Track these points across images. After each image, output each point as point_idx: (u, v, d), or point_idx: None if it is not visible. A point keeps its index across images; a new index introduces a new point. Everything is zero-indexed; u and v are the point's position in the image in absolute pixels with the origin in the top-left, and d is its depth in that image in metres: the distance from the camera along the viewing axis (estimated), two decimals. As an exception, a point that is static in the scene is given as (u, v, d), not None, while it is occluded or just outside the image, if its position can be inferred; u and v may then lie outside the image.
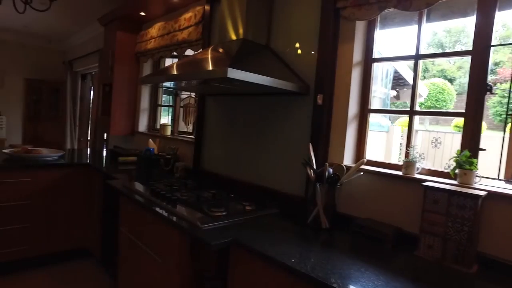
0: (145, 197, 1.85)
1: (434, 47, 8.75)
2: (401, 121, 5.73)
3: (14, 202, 2.57)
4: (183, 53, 2.97)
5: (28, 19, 4.90)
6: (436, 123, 6.81)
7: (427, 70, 10.93)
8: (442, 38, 9.70)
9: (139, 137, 3.60)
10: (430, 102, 7.55)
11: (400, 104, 5.73)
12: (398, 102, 5.93)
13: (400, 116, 5.20)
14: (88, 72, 5.64)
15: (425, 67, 10.28)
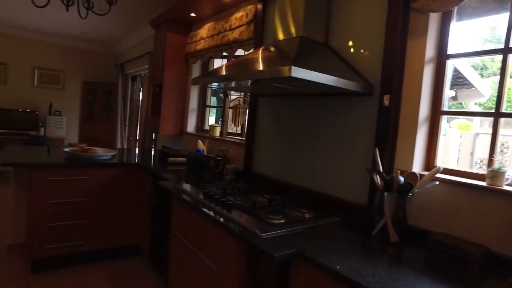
0: (199, 200, 1.81)
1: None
2: (459, 123, 5.32)
3: (73, 199, 2.67)
4: (233, 53, 2.92)
5: (86, 26, 5.17)
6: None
7: (485, 67, 10.13)
8: None
9: (187, 137, 3.63)
10: (491, 103, 6.96)
11: (458, 105, 5.31)
12: (455, 103, 5.50)
13: (457, 118, 4.81)
14: (138, 74, 5.84)
15: (483, 64, 9.55)
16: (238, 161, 2.67)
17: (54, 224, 2.62)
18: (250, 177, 2.48)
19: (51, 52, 6.22)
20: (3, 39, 5.84)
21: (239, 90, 2.62)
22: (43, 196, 2.55)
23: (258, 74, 1.48)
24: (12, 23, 5.48)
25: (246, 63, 1.80)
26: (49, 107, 6.08)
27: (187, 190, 1.98)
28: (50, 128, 5.97)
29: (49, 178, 2.55)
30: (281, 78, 1.45)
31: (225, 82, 1.74)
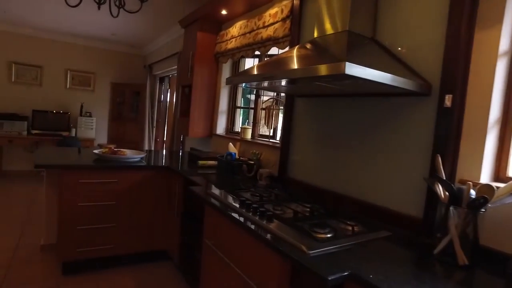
0: (235, 209, 1.68)
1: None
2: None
3: (102, 202, 2.62)
4: (266, 52, 2.78)
5: (115, 27, 5.19)
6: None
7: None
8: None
9: (217, 140, 3.52)
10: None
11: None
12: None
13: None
14: (166, 75, 5.82)
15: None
16: (272, 165, 2.52)
17: (84, 227, 2.57)
18: (286, 183, 2.33)
19: (83, 54, 6.33)
20: (39, 43, 5.99)
21: (274, 90, 2.48)
22: (73, 199, 2.51)
23: (310, 71, 1.32)
24: (47, 28, 5.60)
25: (287, 60, 1.65)
26: (80, 108, 6.18)
27: (221, 197, 1.85)
28: (81, 128, 6.06)
29: (79, 181, 2.51)
30: (330, 76, 1.29)
31: (266, 81, 1.60)
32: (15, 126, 5.60)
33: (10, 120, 5.57)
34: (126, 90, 6.54)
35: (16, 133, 5.59)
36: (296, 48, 1.78)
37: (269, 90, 2.53)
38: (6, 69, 5.83)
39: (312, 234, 1.34)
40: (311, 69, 1.31)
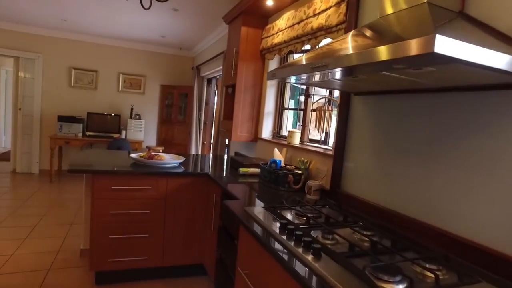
0: (274, 235, 1.33)
1: None
2: None
3: (135, 211, 2.43)
4: (318, 44, 2.40)
5: (164, 30, 5.14)
6: None
7: None
8: None
9: (262, 144, 3.20)
10: None
11: None
12: None
13: None
14: (213, 76, 5.66)
15: None
16: (322, 176, 2.13)
17: (116, 237, 2.40)
18: (339, 199, 1.93)
19: (134, 58, 6.43)
20: (95, 49, 6.19)
21: (326, 87, 2.08)
22: (105, 206, 2.34)
23: (382, 54, 0.93)
24: (102, 34, 5.75)
25: (344, 45, 1.27)
26: (131, 110, 6.27)
27: (259, 217, 1.51)
28: (130, 131, 6.13)
29: (111, 187, 2.34)
30: (410, 59, 0.89)
31: (318, 71, 1.23)
32: (72, 128, 5.81)
33: (68, 122, 5.79)
34: (174, 92, 6.52)
35: (73, 135, 5.79)
36: (355, 31, 1.38)
37: (320, 87, 2.15)
38: (66, 74, 6.09)
39: (376, 284, 0.95)
40: (381, 51, 0.92)
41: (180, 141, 6.47)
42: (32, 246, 3.14)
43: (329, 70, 1.19)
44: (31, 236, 3.37)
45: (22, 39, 5.82)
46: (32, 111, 5.97)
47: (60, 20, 5.10)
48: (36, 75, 5.92)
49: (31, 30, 5.79)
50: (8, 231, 3.45)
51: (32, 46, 5.88)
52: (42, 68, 5.96)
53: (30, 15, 4.97)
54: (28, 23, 5.57)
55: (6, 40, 5.74)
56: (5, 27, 5.69)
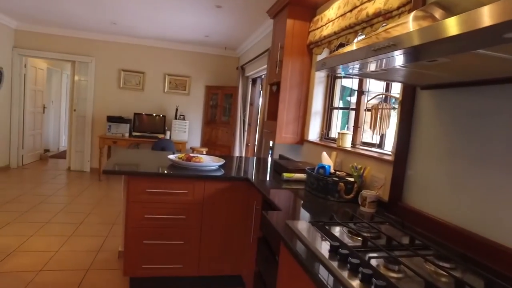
0: (322, 260, 1.07)
1: None
2: None
3: (171, 216, 2.28)
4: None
5: (209, 29, 5.06)
6: None
7: None
8: None
9: (309, 147, 2.93)
10: None
11: None
12: None
13: None
14: (258, 75, 5.48)
15: None
16: (379, 185, 1.82)
17: (151, 242, 2.27)
18: (400, 214, 1.61)
19: (180, 59, 6.46)
20: (142, 50, 6.31)
21: (384, 78, 1.77)
22: (140, 210, 2.22)
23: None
24: (149, 36, 5.83)
25: (409, 23, 0.98)
26: (175, 111, 6.29)
27: (304, 234, 1.26)
28: (175, 131, 6.14)
29: (146, 190, 2.21)
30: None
31: (379, 55, 0.96)
32: (120, 128, 5.95)
33: (116, 122, 5.94)
34: (219, 93, 6.44)
35: (120, 135, 5.92)
36: (419, 11, 1.08)
37: (377, 78, 1.83)
38: (116, 76, 6.28)
39: None
40: (488, 12, 0.62)
41: (224, 142, 6.37)
42: (75, 244, 3.15)
43: (397, 53, 0.91)
44: (75, 233, 3.41)
45: (78, 44, 6.09)
46: (85, 112, 6.22)
47: (110, 23, 5.23)
48: (89, 77, 6.16)
49: (85, 35, 6.04)
50: (57, 227, 3.52)
51: (86, 50, 6.13)
52: (95, 70, 6.19)
53: (84, 20, 5.15)
54: (82, 29, 5.80)
55: (65, 45, 6.04)
56: (64, 33, 5.98)
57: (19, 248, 3.01)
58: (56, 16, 5.12)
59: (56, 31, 5.95)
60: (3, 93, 5.73)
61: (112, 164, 2.40)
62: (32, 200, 4.39)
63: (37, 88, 6.72)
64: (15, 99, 6.02)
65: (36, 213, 3.91)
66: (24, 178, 5.57)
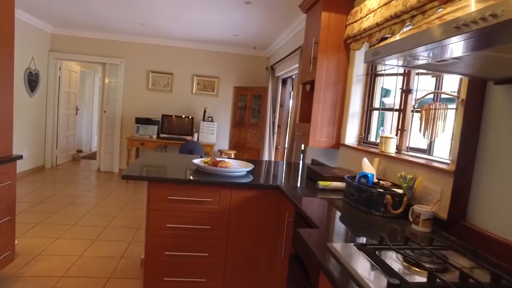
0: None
1: None
2: None
3: (195, 226, 2.10)
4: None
5: (237, 28, 4.89)
6: None
7: None
8: None
9: (346, 152, 2.66)
10: None
11: None
12: None
13: None
14: (289, 75, 5.24)
15: None
16: (435, 199, 1.54)
17: (173, 253, 2.10)
18: (465, 235, 1.32)
19: (208, 59, 6.35)
20: (170, 51, 6.27)
21: (450, 70, 1.48)
22: (162, 218, 2.06)
23: None
24: (177, 36, 5.76)
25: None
26: (203, 113, 6.18)
27: (351, 263, 1.02)
28: (203, 133, 6.03)
29: (168, 197, 2.05)
30: None
31: (479, 28, 0.71)
32: (148, 129, 5.91)
33: (145, 124, 5.91)
34: (248, 94, 6.26)
35: (148, 137, 5.89)
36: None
37: (439, 71, 1.54)
38: (145, 78, 6.27)
39: None
40: None
41: (253, 145, 6.18)
42: (99, 249, 3.07)
43: (496, 27, 0.66)
44: (99, 237, 3.33)
45: (109, 46, 6.13)
46: (114, 113, 6.25)
47: (139, 24, 5.20)
48: (118, 79, 6.19)
49: (115, 37, 6.07)
50: (82, 231, 3.47)
51: (116, 52, 6.16)
52: (124, 72, 6.21)
53: (114, 21, 5.15)
54: (113, 31, 5.83)
55: (96, 48, 6.11)
56: (96, 36, 6.05)
57: (44, 251, 2.96)
58: (88, 19, 5.15)
59: (88, 34, 6.03)
60: (38, 96, 5.86)
61: (134, 168, 2.26)
62: (61, 201, 4.40)
63: (71, 90, 6.86)
64: (50, 101, 6.15)
65: (64, 215, 3.89)
66: (57, 178, 5.66)
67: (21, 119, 5.42)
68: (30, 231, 3.36)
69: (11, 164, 2.35)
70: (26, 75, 5.43)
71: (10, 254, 2.44)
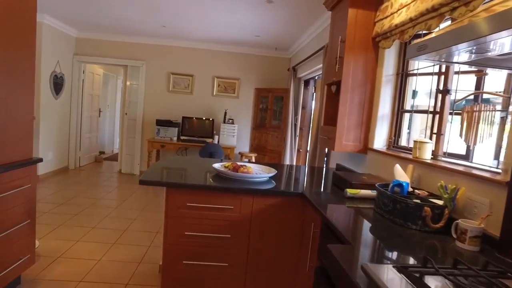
0: None
1: None
2: None
3: (214, 234, 2.00)
4: (470, 12, 1.63)
5: (259, 28, 4.79)
6: None
7: None
8: None
9: (374, 157, 2.50)
10: None
11: None
12: None
13: None
14: (311, 77, 5.09)
15: None
16: (484, 214, 1.36)
17: (191, 263, 2.01)
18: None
19: (229, 61, 6.29)
20: (191, 53, 6.24)
21: (500, 65, 1.31)
22: (180, 225, 1.97)
23: None
24: (197, 37, 5.72)
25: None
26: (224, 115, 6.11)
27: (387, 284, 0.88)
28: (223, 136, 5.95)
29: (187, 204, 1.95)
30: None
31: None
32: (168, 132, 5.90)
33: (165, 126, 5.90)
34: (269, 96, 6.14)
35: (168, 139, 5.87)
36: None
37: (485, 65, 1.36)
38: (165, 80, 6.27)
39: None
40: None
41: (274, 147, 6.05)
42: (117, 253, 3.02)
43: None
44: (118, 241, 3.29)
45: (130, 49, 6.17)
46: (135, 115, 6.28)
47: (160, 26, 5.18)
48: (140, 81, 6.22)
49: (137, 39, 6.11)
50: (101, 233, 3.45)
51: (138, 55, 6.19)
52: (145, 74, 6.23)
53: (136, 24, 5.16)
54: (134, 34, 5.86)
55: (118, 51, 6.17)
56: (117, 39, 6.11)
57: (64, 253, 2.94)
58: (111, 22, 5.19)
59: (110, 37, 6.09)
60: (63, 98, 5.96)
61: (152, 172, 2.19)
62: (83, 203, 4.42)
63: (94, 92, 6.95)
64: (74, 103, 6.25)
65: (85, 217, 3.89)
66: (79, 179, 5.73)
67: (46, 121, 5.52)
68: (52, 232, 3.37)
69: (31, 167, 2.32)
70: (51, 78, 5.53)
71: (30, 257, 2.42)
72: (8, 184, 2.10)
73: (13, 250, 2.22)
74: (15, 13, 2.08)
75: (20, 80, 2.19)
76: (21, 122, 2.24)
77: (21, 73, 2.20)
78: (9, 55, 2.07)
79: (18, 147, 2.21)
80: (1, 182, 2.04)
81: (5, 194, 2.06)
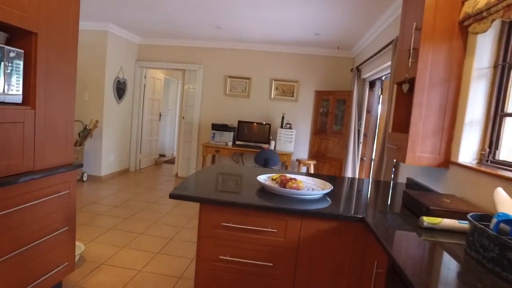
0: None
1: None
2: None
3: (253, 261, 1.67)
4: None
5: (318, 26, 4.41)
6: None
7: None
8: None
9: (460, 173, 1.96)
10: None
11: None
12: None
13: None
14: (377, 77, 4.53)
15: None
16: None
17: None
18: None
19: (287, 62, 5.96)
20: (247, 55, 6.04)
21: None
22: (214, 248, 1.68)
23: None
24: (254, 38, 5.50)
25: None
26: (281, 119, 5.78)
27: None
28: (280, 141, 5.63)
29: (222, 224, 1.66)
30: None
31: None
32: (223, 136, 5.75)
33: (220, 130, 5.77)
34: (330, 99, 5.67)
35: (223, 144, 5.72)
36: None
37: None
38: (222, 83, 6.15)
39: None
40: None
41: (335, 155, 5.56)
42: (160, 264, 2.86)
43: None
44: (162, 251, 3.14)
45: (188, 53, 6.18)
46: (192, 119, 6.26)
47: (214, 28, 5.05)
48: (197, 85, 6.19)
49: (194, 43, 6.09)
50: (147, 241, 3.34)
51: (195, 59, 6.17)
52: (202, 78, 6.18)
53: (191, 27, 5.10)
54: (191, 37, 5.85)
55: (177, 55, 6.22)
56: (176, 44, 6.16)
57: (108, 260, 2.86)
58: (169, 27, 5.20)
59: (169, 42, 6.16)
60: (125, 103, 6.16)
61: (190, 183, 1.94)
62: (136, 206, 4.42)
63: (155, 97, 7.13)
64: (135, 107, 6.44)
65: (134, 222, 3.85)
66: (137, 182, 5.84)
67: (109, 124, 5.73)
68: (100, 236, 3.35)
69: (70, 173, 2.24)
70: (115, 83, 5.73)
71: (69, 265, 2.34)
72: (44, 190, 2.01)
73: (51, 257, 2.14)
74: (58, 15, 2.00)
75: (59, 82, 2.11)
76: (61, 125, 2.16)
77: (62, 76, 2.12)
78: (53, 57, 1.99)
79: (55, 152, 2.13)
80: (37, 188, 1.95)
81: (40, 200, 1.97)
